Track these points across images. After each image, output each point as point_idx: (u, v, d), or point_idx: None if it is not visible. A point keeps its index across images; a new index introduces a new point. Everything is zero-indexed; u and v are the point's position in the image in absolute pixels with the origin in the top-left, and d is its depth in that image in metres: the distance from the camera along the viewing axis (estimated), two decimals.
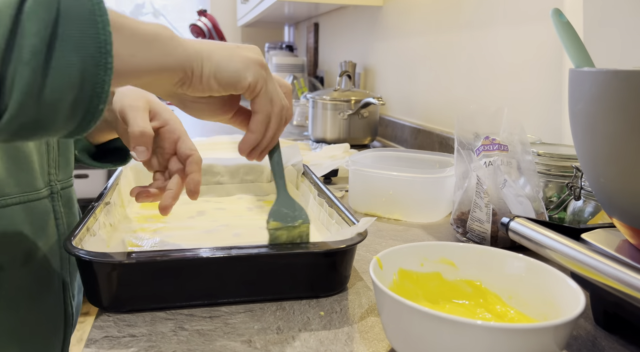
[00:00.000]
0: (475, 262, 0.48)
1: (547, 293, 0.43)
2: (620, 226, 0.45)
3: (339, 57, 2.20)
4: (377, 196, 0.82)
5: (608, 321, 0.48)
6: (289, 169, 0.84)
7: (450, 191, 0.80)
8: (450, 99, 1.27)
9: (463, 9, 1.19)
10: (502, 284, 0.47)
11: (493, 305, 0.47)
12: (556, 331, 0.35)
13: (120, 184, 0.74)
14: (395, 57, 1.60)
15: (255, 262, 0.51)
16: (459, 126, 0.73)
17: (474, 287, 0.48)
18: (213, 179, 0.85)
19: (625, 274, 0.39)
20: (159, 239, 0.63)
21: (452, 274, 0.49)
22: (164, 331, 0.46)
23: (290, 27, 3.19)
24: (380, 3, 1.67)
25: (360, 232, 0.54)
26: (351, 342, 0.45)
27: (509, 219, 0.52)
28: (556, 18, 0.50)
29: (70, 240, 0.49)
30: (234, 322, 0.48)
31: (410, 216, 0.81)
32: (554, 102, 0.89)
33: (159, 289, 0.49)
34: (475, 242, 0.68)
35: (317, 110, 1.49)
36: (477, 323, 0.35)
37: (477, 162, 0.68)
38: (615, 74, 0.39)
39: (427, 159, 0.92)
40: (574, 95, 0.45)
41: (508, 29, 1.02)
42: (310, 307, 0.51)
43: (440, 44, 1.30)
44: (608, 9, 0.76)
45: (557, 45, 0.87)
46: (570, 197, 0.66)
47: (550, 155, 0.72)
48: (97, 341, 0.44)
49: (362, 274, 0.60)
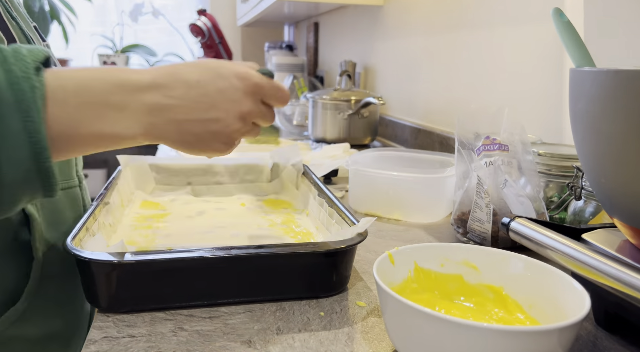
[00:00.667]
0: (499, 268, 0.47)
1: (561, 303, 0.42)
2: (621, 226, 0.45)
3: (339, 57, 2.20)
4: (377, 195, 0.82)
5: (609, 321, 0.48)
6: (289, 169, 0.84)
7: (451, 191, 0.79)
8: (451, 99, 1.27)
9: (463, 9, 1.18)
10: (524, 292, 0.46)
11: (513, 313, 0.46)
12: (561, 334, 0.35)
13: (120, 184, 0.74)
14: (395, 56, 1.60)
15: (255, 262, 0.51)
16: (459, 126, 0.73)
17: (495, 293, 0.47)
18: (213, 179, 0.85)
19: (626, 274, 0.39)
20: (158, 239, 0.63)
21: (474, 277, 0.48)
22: (163, 331, 0.46)
23: (290, 27, 3.19)
24: (381, 3, 1.67)
25: (360, 232, 0.54)
26: (351, 342, 0.45)
27: (509, 219, 0.52)
28: (557, 18, 0.49)
29: (69, 240, 0.49)
30: (233, 323, 0.48)
31: (410, 215, 0.81)
32: (554, 101, 0.89)
33: (158, 289, 0.49)
34: (476, 243, 0.68)
35: (317, 110, 1.49)
36: (480, 325, 0.35)
37: (478, 162, 0.68)
38: (615, 73, 0.39)
39: (428, 158, 0.92)
40: (574, 95, 0.45)
41: (509, 29, 1.02)
42: (310, 307, 0.51)
43: (440, 43, 1.30)
44: (608, 9, 0.76)
45: (557, 45, 0.87)
46: (570, 197, 0.66)
47: (551, 155, 0.72)
48: (96, 341, 0.44)
49: (362, 274, 0.60)
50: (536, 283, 0.45)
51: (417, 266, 0.48)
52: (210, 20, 2.73)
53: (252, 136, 0.54)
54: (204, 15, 2.73)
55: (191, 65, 0.49)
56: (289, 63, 2.34)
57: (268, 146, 1.37)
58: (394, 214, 0.82)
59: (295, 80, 2.12)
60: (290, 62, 2.35)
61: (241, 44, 3.32)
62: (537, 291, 0.44)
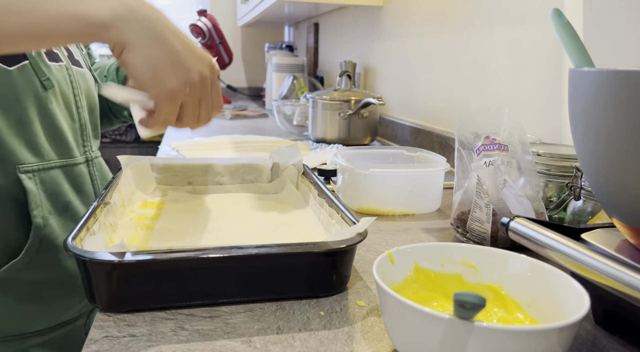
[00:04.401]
0: (498, 267, 0.47)
1: (561, 303, 0.42)
2: (620, 226, 0.45)
3: (339, 57, 2.20)
4: (360, 191, 0.85)
5: (608, 321, 0.48)
6: (289, 169, 0.85)
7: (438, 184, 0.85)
8: (451, 99, 1.27)
9: (463, 9, 1.19)
10: (524, 291, 0.46)
11: (512, 312, 0.46)
12: (560, 333, 0.35)
13: (120, 184, 0.74)
14: (395, 57, 1.60)
15: (255, 262, 0.51)
16: (459, 126, 0.73)
17: (495, 292, 0.47)
18: (213, 179, 0.85)
19: (625, 274, 0.39)
20: (158, 238, 0.63)
21: (474, 277, 0.48)
22: (164, 330, 0.46)
23: (290, 27, 3.19)
24: (381, 3, 1.67)
25: (360, 232, 0.54)
26: (351, 342, 0.45)
27: (509, 219, 0.52)
28: (556, 18, 0.50)
29: (70, 240, 0.49)
30: (234, 322, 0.48)
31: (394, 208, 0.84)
32: (554, 102, 0.89)
33: (158, 289, 0.49)
34: (475, 243, 0.68)
35: (317, 110, 1.49)
36: (480, 325, 0.35)
37: (478, 162, 0.68)
38: (615, 74, 0.39)
39: (398, 153, 0.96)
40: (573, 95, 0.45)
41: (508, 29, 1.02)
42: (310, 307, 0.51)
43: (440, 43, 1.30)
44: (608, 9, 0.76)
45: (557, 45, 0.87)
46: (570, 197, 0.66)
47: (550, 155, 0.72)
48: (97, 341, 0.44)
49: (362, 274, 0.60)
50: (536, 283, 0.45)
51: (416, 266, 0.48)
52: (210, 21, 2.73)
53: (202, 117, 0.58)
54: (204, 16, 2.73)
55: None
56: (289, 63, 2.34)
57: (268, 146, 1.37)
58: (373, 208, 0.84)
59: (295, 80, 2.12)
60: (290, 62, 2.35)
61: (241, 45, 3.32)
62: (537, 290, 0.45)
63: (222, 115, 2.15)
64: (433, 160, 0.89)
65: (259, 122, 2.02)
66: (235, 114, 2.18)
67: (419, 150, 0.95)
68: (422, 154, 0.93)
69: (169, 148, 1.35)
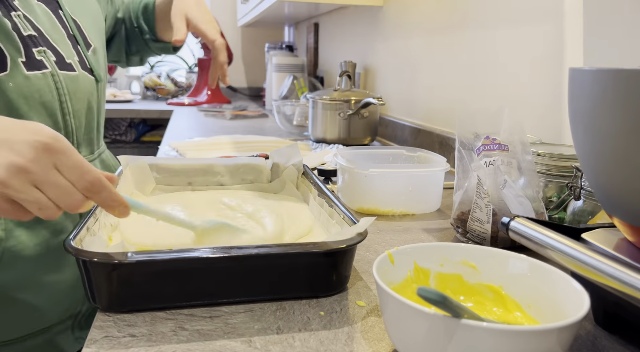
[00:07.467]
0: (498, 267, 0.47)
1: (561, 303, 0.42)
2: (620, 225, 0.45)
3: (339, 57, 2.20)
4: (360, 191, 0.85)
5: (608, 321, 0.48)
6: (289, 169, 0.84)
7: (426, 183, 0.85)
8: (451, 99, 1.27)
9: (463, 9, 1.19)
10: (524, 291, 0.45)
11: (512, 312, 0.46)
12: (560, 333, 0.35)
13: (120, 184, 0.74)
14: (395, 57, 1.60)
15: (255, 262, 0.51)
16: (459, 126, 0.73)
17: (495, 292, 0.47)
18: (213, 179, 0.85)
19: (626, 274, 0.39)
20: (159, 239, 0.63)
21: (474, 277, 0.48)
22: (164, 330, 0.46)
23: (290, 27, 3.19)
24: (381, 3, 1.67)
25: (360, 232, 0.54)
26: (351, 342, 0.45)
27: (509, 219, 0.52)
28: None
29: (70, 240, 0.49)
30: (234, 322, 0.48)
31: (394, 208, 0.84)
32: (554, 102, 0.89)
33: (159, 289, 0.49)
34: (476, 243, 0.68)
35: (317, 110, 1.49)
36: (480, 325, 0.35)
37: (478, 162, 0.68)
38: (615, 73, 0.39)
39: (398, 153, 0.97)
40: (573, 95, 0.45)
41: (508, 29, 1.02)
42: (310, 307, 0.51)
43: (440, 44, 1.30)
44: (608, 9, 0.76)
45: (557, 45, 0.87)
46: (570, 197, 0.66)
47: (550, 155, 0.72)
48: (97, 341, 0.44)
49: (362, 274, 0.60)
50: (536, 283, 0.45)
51: (416, 266, 0.48)
52: None
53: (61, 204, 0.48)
54: None
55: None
56: (289, 63, 2.34)
57: (268, 146, 1.37)
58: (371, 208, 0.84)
59: (295, 80, 2.12)
60: (291, 62, 2.35)
61: (241, 45, 3.32)
62: (537, 290, 0.44)
63: (223, 116, 2.15)
64: (433, 160, 0.89)
65: (259, 122, 2.02)
66: (235, 114, 2.18)
67: (419, 150, 0.95)
68: (422, 154, 0.93)
69: (169, 148, 1.35)
